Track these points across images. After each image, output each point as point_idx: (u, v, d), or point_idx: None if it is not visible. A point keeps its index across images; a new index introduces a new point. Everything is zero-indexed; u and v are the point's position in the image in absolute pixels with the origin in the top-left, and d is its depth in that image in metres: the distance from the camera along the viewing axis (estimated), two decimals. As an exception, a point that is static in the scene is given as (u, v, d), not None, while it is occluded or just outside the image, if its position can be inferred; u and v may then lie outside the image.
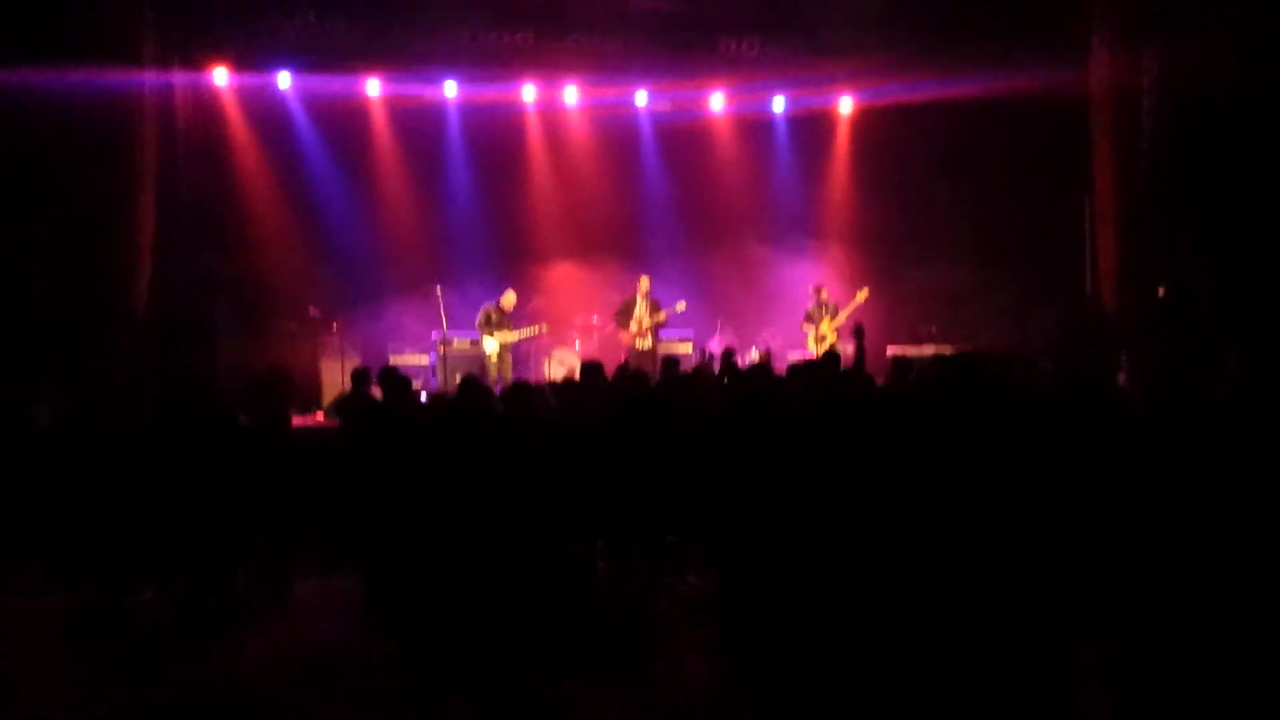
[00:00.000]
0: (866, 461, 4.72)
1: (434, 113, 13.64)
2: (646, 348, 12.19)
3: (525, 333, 12.33)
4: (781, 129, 14.48)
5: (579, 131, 14.05)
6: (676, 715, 4.84)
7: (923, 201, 13.24)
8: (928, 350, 11.72)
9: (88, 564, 6.47)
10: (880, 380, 7.96)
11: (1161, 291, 11.12)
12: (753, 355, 11.94)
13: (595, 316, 13.15)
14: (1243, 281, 10.12)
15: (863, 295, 12.28)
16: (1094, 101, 12.48)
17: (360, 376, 8.28)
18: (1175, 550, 4.96)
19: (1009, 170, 12.82)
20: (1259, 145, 10.40)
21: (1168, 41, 11.36)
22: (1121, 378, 10.65)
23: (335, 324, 12.11)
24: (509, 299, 12.29)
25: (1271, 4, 10.03)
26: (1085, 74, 12.43)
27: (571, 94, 13.77)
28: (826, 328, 12.28)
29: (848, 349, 11.39)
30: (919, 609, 3.92)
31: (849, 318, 12.13)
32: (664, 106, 14.11)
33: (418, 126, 13.52)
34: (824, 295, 12.55)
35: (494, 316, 12.15)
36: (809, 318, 12.52)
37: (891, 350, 11.63)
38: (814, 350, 11.94)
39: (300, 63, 12.66)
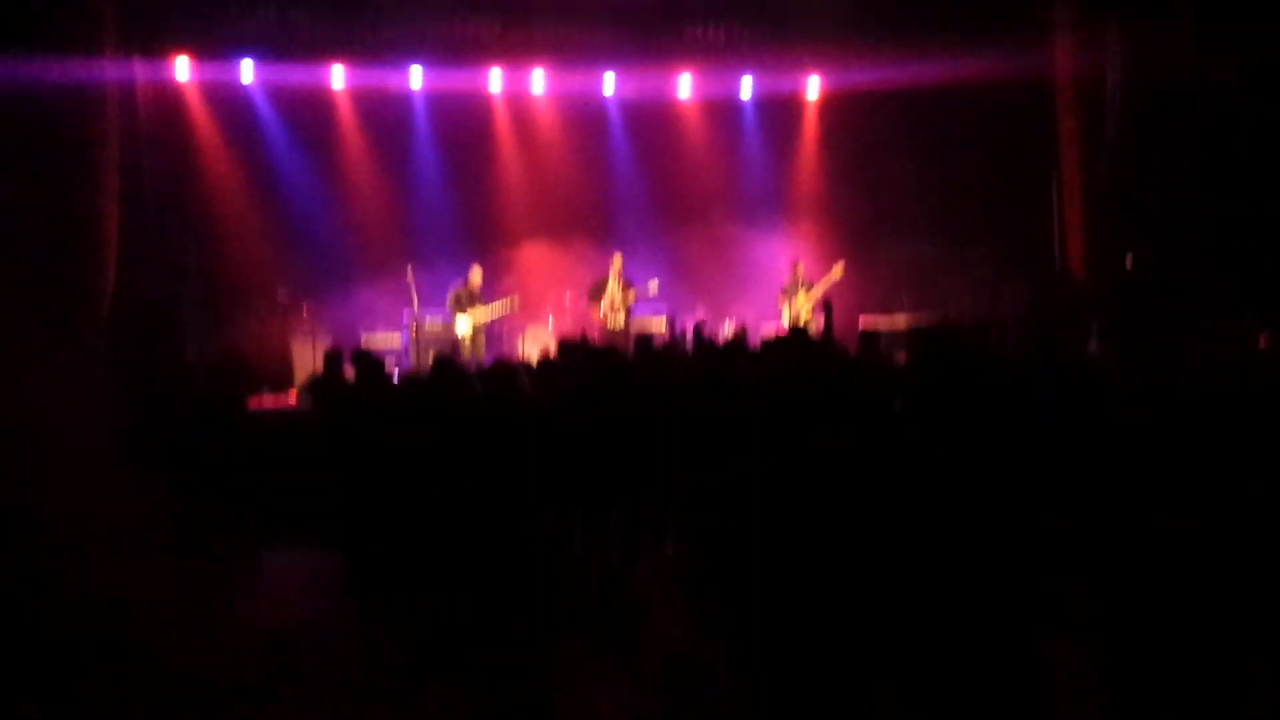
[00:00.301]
0: (838, 432, 4.77)
1: (399, 100, 13.58)
2: (619, 326, 12.21)
3: (497, 308, 12.30)
4: (750, 112, 14.53)
5: (547, 116, 14.02)
6: (657, 681, 4.87)
7: (892, 179, 13.32)
8: (899, 322, 11.81)
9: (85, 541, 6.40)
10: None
11: (1129, 260, 11.28)
12: (727, 329, 11.98)
13: (568, 295, 13.14)
14: (1210, 250, 10.28)
15: (838, 270, 12.34)
16: (1059, 81, 12.64)
17: (333, 358, 8.24)
18: (1147, 520, 5.01)
19: (977, 148, 12.92)
20: (1222, 120, 10.57)
21: (1129, 21, 11.51)
22: (1092, 345, 10.78)
23: (305, 306, 12.08)
24: (476, 276, 12.25)
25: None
26: (1049, 54, 12.57)
27: (539, 80, 13.74)
28: (802, 302, 12.32)
29: (819, 323, 11.50)
30: (893, 579, 3.96)
31: (823, 293, 12.23)
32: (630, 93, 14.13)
33: (383, 113, 13.46)
34: (800, 270, 12.59)
35: (463, 296, 12.10)
36: (785, 292, 12.55)
37: (864, 322, 11.71)
38: (789, 324, 11.99)
39: (263, 52, 12.60)
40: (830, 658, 4.12)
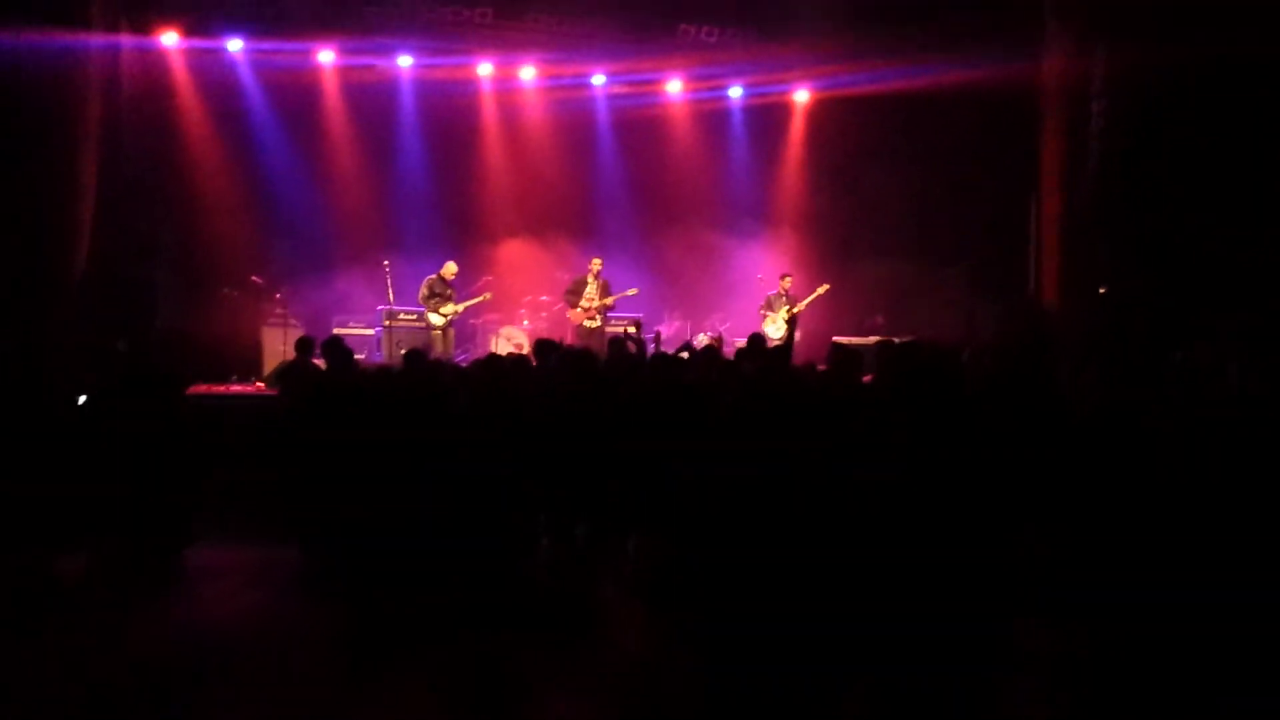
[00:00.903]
0: (802, 441, 4.78)
1: (387, 85, 13.52)
2: (594, 327, 12.15)
3: (470, 303, 12.19)
4: (738, 117, 14.53)
5: (535, 111, 13.96)
6: (616, 683, 4.86)
7: (874, 194, 13.34)
8: (871, 341, 11.79)
9: (17, 526, 6.34)
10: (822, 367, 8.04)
11: (1103, 291, 11.31)
12: (700, 340, 11.92)
13: (544, 296, 13.08)
14: (1185, 281, 10.32)
15: (823, 289, 12.33)
16: (1045, 99, 12.66)
17: (304, 345, 8.19)
18: (1113, 540, 5.05)
19: (960, 167, 12.99)
20: (1205, 147, 10.60)
21: (1118, 41, 11.53)
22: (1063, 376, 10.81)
23: (279, 293, 11.94)
24: (449, 269, 12.09)
25: (1221, 8, 10.21)
26: (1038, 70, 12.58)
27: (529, 73, 13.68)
28: (784, 316, 12.30)
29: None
30: (855, 586, 3.96)
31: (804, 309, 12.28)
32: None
33: (371, 98, 13.39)
34: (787, 284, 12.55)
35: (436, 288, 11.97)
36: (769, 304, 12.51)
37: (836, 340, 11.70)
38: (772, 336, 11.95)
39: (252, 29, 12.48)
40: (791, 662, 4.14)
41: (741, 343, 10.99)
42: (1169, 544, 4.85)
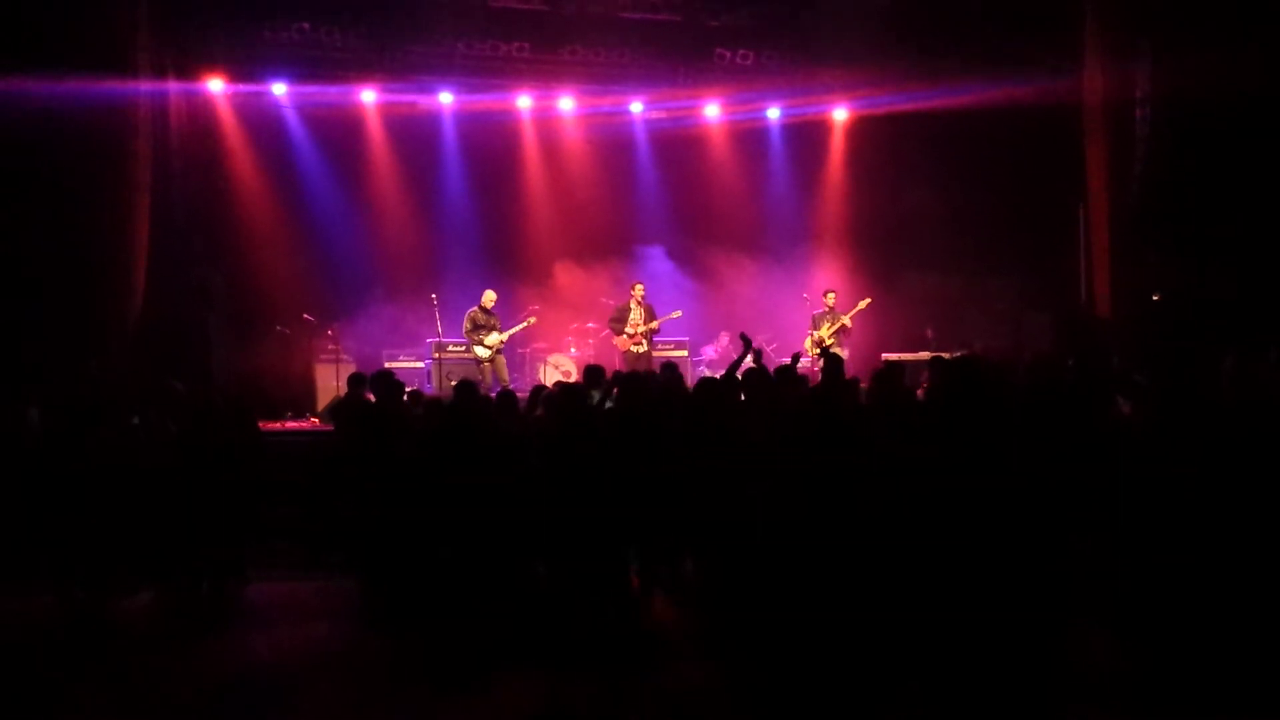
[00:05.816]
0: (852, 465, 4.76)
1: (429, 121, 13.71)
2: (641, 352, 12.15)
3: (515, 330, 12.16)
4: (776, 137, 14.54)
5: (575, 140, 14.10)
6: (674, 713, 4.84)
7: (918, 209, 13.26)
8: (923, 356, 11.70)
9: (79, 565, 6.46)
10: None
11: (1156, 297, 11.16)
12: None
13: (590, 323, 13.15)
14: (1236, 285, 10.16)
15: (864, 304, 12.27)
16: (1087, 111, 12.55)
17: (356, 380, 8.27)
18: (1172, 545, 4.99)
19: (1004, 178, 12.84)
20: (1249, 153, 10.47)
21: (1160, 52, 11.43)
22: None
23: (330, 329, 12.10)
24: (489, 297, 12.07)
25: (1262, 17, 10.10)
26: (1079, 83, 12.49)
27: (567, 103, 13.81)
28: (825, 332, 12.24)
29: (844, 353, 11.49)
30: (906, 608, 3.94)
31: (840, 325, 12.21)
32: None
33: (413, 135, 13.59)
34: (830, 300, 12.48)
35: (480, 318, 11.99)
36: (814, 323, 12.45)
37: (886, 356, 11.62)
38: (810, 353, 11.90)
39: (295, 72, 12.70)
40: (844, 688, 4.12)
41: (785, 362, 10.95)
42: (1224, 554, 4.79)
